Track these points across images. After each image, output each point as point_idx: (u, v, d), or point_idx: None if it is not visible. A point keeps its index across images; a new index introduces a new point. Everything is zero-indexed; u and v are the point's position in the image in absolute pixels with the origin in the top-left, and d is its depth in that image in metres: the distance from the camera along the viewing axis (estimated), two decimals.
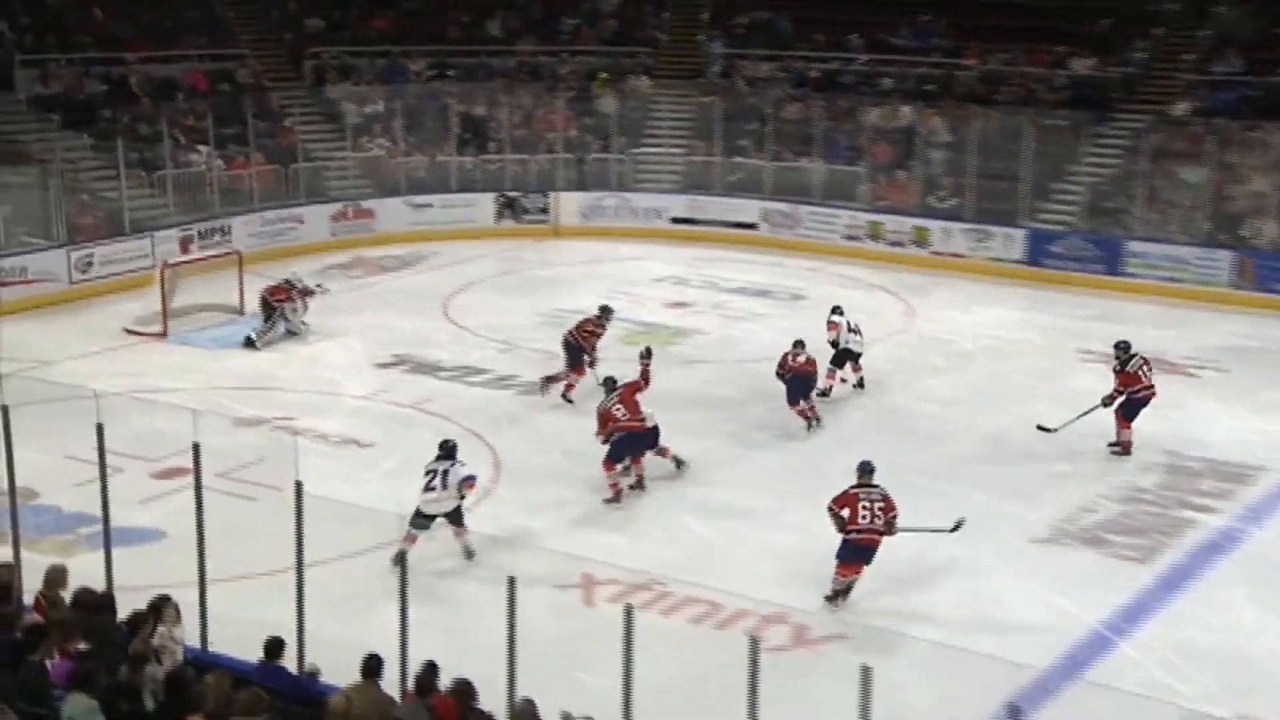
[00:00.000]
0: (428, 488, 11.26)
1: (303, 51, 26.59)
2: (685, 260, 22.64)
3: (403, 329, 18.28)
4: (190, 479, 8.71)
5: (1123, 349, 14.06)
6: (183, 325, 18.03)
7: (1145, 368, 14.02)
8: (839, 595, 10.74)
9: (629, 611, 6.76)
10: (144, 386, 15.15)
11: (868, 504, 10.66)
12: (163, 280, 17.97)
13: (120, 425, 11.10)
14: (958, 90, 24.62)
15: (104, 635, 7.73)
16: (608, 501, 12.57)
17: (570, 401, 15.18)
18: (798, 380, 14.50)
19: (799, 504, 12.37)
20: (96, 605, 7.96)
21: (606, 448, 12.67)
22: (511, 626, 7.11)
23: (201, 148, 22.57)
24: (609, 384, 13.20)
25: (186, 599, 8.44)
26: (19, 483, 9.18)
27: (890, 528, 10.69)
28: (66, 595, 8.28)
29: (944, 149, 23.68)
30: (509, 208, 24.77)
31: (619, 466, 12.64)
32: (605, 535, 11.90)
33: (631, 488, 12.82)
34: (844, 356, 15.64)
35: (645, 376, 13.30)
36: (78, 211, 20.63)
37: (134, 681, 7.20)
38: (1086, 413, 13.97)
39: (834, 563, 10.69)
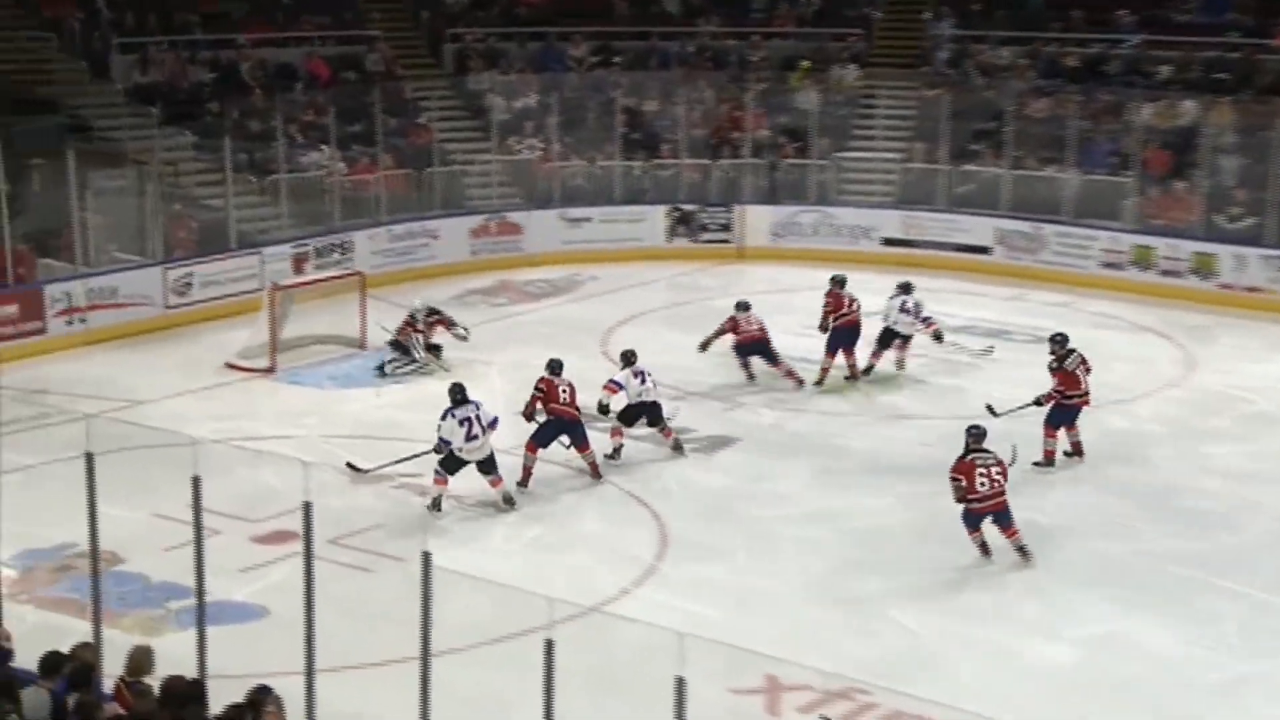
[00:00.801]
0: (470, 436, 13.60)
1: (442, 34, 27.37)
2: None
3: None
4: (298, 545, 8.92)
5: (1059, 343, 15.26)
6: (294, 360, 18.61)
7: (1083, 368, 15.15)
8: (984, 552, 12.76)
9: None
10: (247, 433, 15.68)
11: (984, 470, 12.57)
12: (272, 305, 18.51)
13: (219, 478, 11.49)
14: (1260, 80, 23.90)
15: None
16: (520, 484, 14.24)
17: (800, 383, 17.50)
18: (753, 345, 17.54)
19: (1034, 601, 12.11)
20: (185, 696, 8.19)
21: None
22: None
23: (323, 147, 23.33)
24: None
25: (291, 691, 8.62)
26: (101, 544, 9.53)
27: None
28: (153, 682, 8.55)
29: (1238, 155, 22.99)
30: (684, 224, 24.96)
31: (540, 451, 14.42)
32: (793, 627, 11.82)
33: (593, 475, 14.60)
34: (890, 336, 17.92)
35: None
36: (175, 223, 21.51)
37: None
38: (1024, 406, 15.14)
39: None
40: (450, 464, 13.71)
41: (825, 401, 17.33)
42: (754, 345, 17.61)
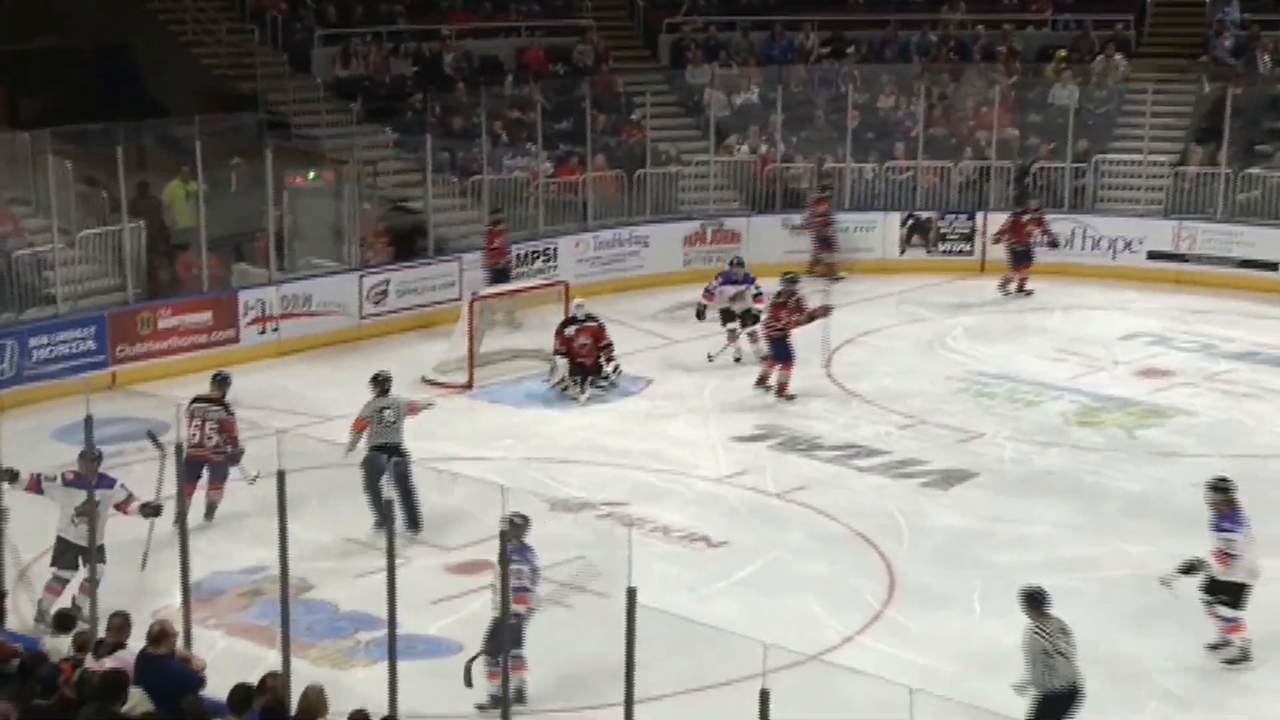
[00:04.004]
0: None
1: (658, 24, 27.69)
2: (1168, 312, 22.00)
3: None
4: (493, 576, 9.11)
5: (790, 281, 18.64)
6: (492, 375, 18.98)
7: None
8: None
9: None
10: (441, 453, 16.01)
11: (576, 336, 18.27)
12: (471, 317, 18.92)
13: None
14: None
15: None
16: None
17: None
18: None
19: None
20: None
21: None
22: None
23: (530, 146, 23.78)
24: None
25: None
26: (290, 569, 9.86)
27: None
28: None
29: None
30: (919, 232, 24.77)
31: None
32: None
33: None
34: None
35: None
36: (371, 227, 22.13)
37: None
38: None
39: None
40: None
41: (1078, 435, 17.01)
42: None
